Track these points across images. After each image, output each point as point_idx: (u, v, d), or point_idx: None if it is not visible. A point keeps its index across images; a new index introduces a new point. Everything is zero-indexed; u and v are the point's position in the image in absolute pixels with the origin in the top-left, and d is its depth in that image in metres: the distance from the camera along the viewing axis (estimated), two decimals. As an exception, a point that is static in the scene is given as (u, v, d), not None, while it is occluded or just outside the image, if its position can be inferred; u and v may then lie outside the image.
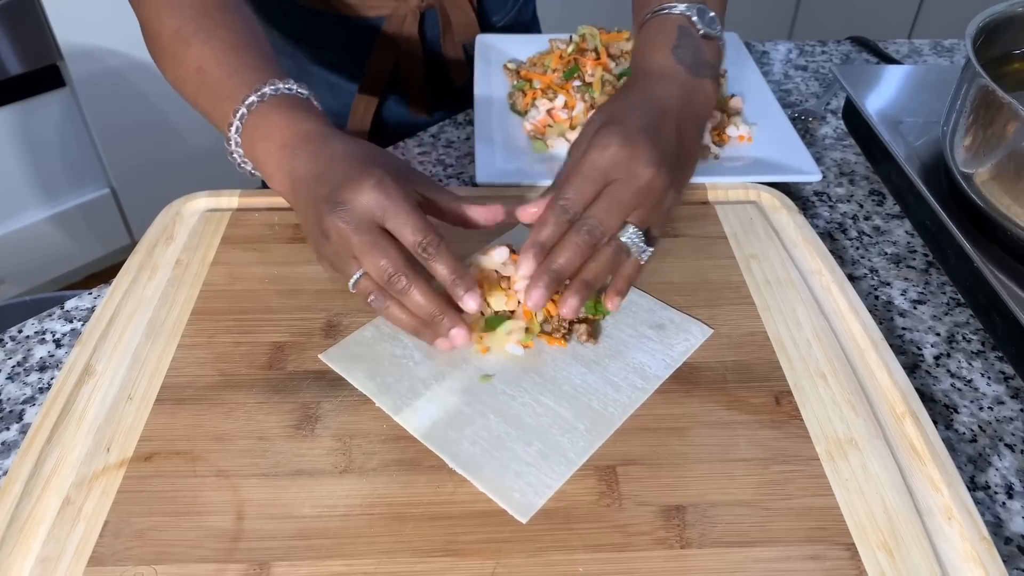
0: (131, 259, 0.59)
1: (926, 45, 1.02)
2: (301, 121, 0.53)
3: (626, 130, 0.51)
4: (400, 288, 0.47)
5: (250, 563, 0.40)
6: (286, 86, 0.55)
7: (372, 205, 0.47)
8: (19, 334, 0.57)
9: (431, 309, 0.48)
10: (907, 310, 0.61)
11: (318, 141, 0.52)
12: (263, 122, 0.54)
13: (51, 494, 0.43)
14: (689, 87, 0.56)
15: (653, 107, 0.54)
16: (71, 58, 1.66)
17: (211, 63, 0.57)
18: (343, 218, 0.47)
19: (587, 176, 0.50)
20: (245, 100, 0.54)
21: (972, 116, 0.59)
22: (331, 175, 0.49)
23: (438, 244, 0.47)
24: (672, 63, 0.56)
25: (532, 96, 0.78)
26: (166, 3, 0.59)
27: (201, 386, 0.49)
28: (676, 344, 0.53)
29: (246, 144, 0.55)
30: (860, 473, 0.45)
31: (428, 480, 0.44)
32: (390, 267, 0.47)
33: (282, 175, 0.53)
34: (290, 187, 0.53)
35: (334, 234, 0.48)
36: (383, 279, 0.47)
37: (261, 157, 0.54)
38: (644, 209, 0.51)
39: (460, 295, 0.48)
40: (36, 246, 1.84)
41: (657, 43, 0.58)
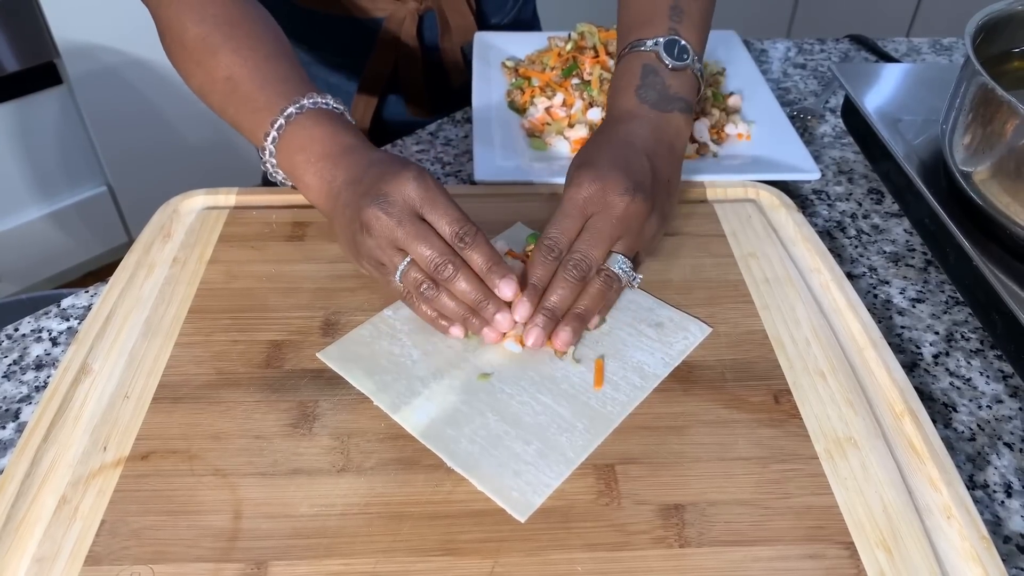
0: (128, 257, 0.58)
1: (925, 43, 1.02)
2: (341, 134, 0.55)
3: (595, 167, 0.53)
4: (447, 276, 0.48)
5: (247, 562, 0.40)
6: (323, 100, 0.56)
7: (413, 196, 0.49)
8: (15, 332, 0.57)
9: (476, 295, 0.49)
10: (906, 308, 0.61)
11: (358, 153, 0.54)
12: (302, 133, 0.55)
13: (47, 493, 0.43)
14: (657, 123, 0.58)
15: (620, 144, 0.56)
16: (68, 55, 1.66)
17: (241, 73, 0.57)
18: (385, 209, 0.49)
19: (567, 214, 0.52)
20: (284, 111, 0.55)
21: (971, 114, 0.59)
22: (369, 176, 0.51)
23: (475, 233, 0.49)
24: (636, 104, 0.59)
25: (530, 94, 0.78)
26: (189, 8, 0.59)
27: (198, 385, 0.49)
28: (675, 342, 0.53)
29: (282, 155, 0.56)
30: (859, 472, 0.45)
31: (426, 479, 0.44)
32: (436, 256, 0.48)
33: (321, 183, 0.54)
34: (327, 193, 0.54)
35: (376, 225, 0.49)
36: (430, 267, 0.49)
37: (300, 168, 0.55)
38: (628, 237, 0.53)
39: (496, 282, 0.49)
40: (33, 244, 1.83)
41: (623, 86, 0.60)
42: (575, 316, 0.51)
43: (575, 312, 0.51)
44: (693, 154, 0.73)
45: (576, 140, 0.73)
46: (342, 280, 0.57)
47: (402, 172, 0.50)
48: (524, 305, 0.50)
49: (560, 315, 0.51)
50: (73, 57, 1.66)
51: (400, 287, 0.51)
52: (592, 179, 0.52)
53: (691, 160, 0.72)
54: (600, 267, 0.52)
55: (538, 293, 0.51)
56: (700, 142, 0.73)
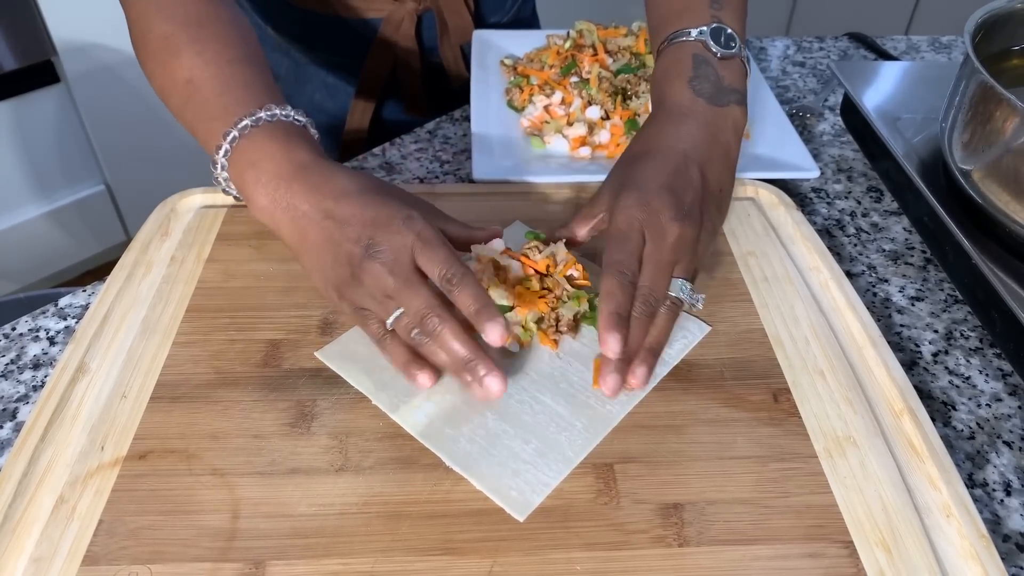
0: (125, 256, 0.58)
1: (924, 41, 1.02)
2: (296, 151, 0.51)
3: (642, 193, 0.51)
4: (432, 329, 0.46)
5: (245, 562, 0.40)
6: (283, 112, 0.53)
7: (405, 243, 0.46)
8: (12, 331, 0.57)
9: (464, 352, 0.45)
10: (905, 307, 0.61)
11: (316, 173, 0.50)
12: (254, 149, 0.51)
13: (45, 493, 0.43)
14: (713, 121, 0.55)
15: (671, 157, 0.53)
16: (65, 54, 1.65)
17: (202, 77, 0.54)
18: (380, 259, 0.46)
19: (627, 237, 0.50)
20: (238, 123, 0.51)
21: (971, 112, 0.59)
22: (351, 215, 0.48)
23: (462, 275, 0.46)
24: (691, 98, 0.55)
25: (529, 92, 0.78)
26: (157, 6, 0.57)
27: (196, 384, 0.49)
28: (674, 341, 0.53)
29: (234, 169, 0.52)
30: (858, 471, 0.45)
31: (425, 478, 0.44)
32: (423, 307, 0.46)
33: (275, 208, 0.51)
34: (290, 224, 0.50)
35: (370, 278, 0.46)
36: (416, 320, 0.46)
37: (250, 185, 0.51)
38: (684, 260, 0.51)
39: (483, 325, 0.45)
40: (31, 243, 1.83)
41: (673, 76, 0.57)
42: (649, 351, 0.49)
43: (649, 346, 0.50)
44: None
45: (575, 138, 0.73)
46: (340, 279, 0.57)
47: (394, 219, 0.47)
48: (615, 338, 0.47)
49: (633, 355, 0.49)
50: (71, 55, 1.66)
51: (378, 332, 0.48)
52: (640, 206, 0.50)
53: (690, 158, 0.72)
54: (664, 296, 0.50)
55: (623, 322, 0.47)
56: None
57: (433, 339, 0.46)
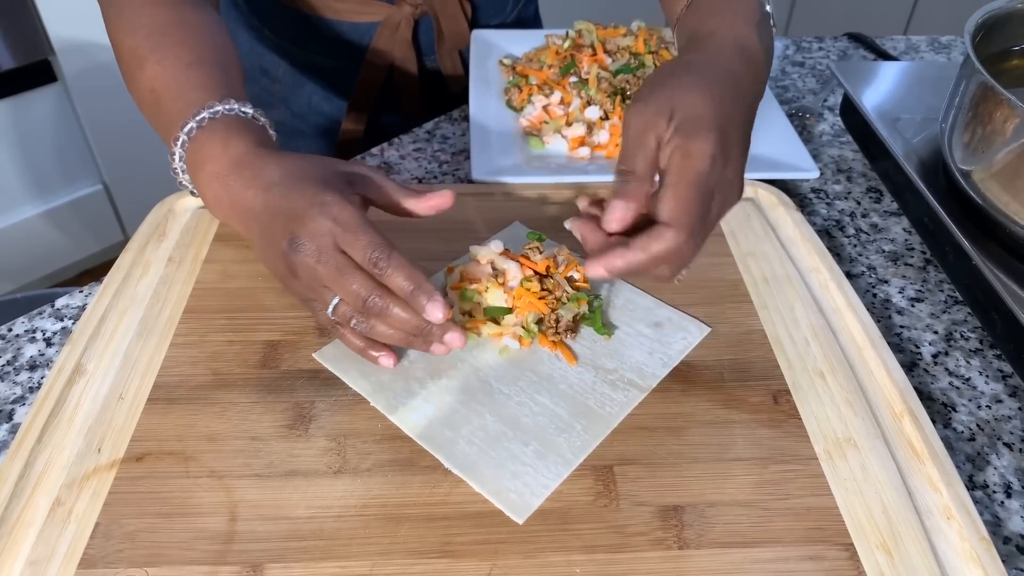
0: (123, 257, 0.58)
1: (923, 42, 1.02)
2: (233, 145, 0.50)
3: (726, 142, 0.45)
4: (378, 310, 0.45)
5: (243, 565, 0.39)
6: (226, 107, 0.52)
7: (323, 231, 0.45)
8: (9, 332, 0.56)
9: (416, 322, 0.45)
10: (905, 308, 0.61)
11: (249, 167, 0.49)
12: (199, 151, 0.51)
13: (41, 495, 0.42)
14: (761, 78, 0.50)
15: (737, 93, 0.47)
16: (63, 53, 1.65)
17: (162, 84, 0.54)
18: (304, 252, 0.45)
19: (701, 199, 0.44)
20: (184, 127, 0.51)
21: (971, 113, 0.58)
22: (276, 208, 0.47)
23: (388, 256, 0.44)
24: (755, 41, 0.49)
25: (528, 92, 0.78)
26: (124, 22, 0.57)
27: (193, 385, 0.49)
28: (674, 342, 0.52)
29: (191, 172, 0.53)
30: (859, 473, 0.45)
31: (423, 481, 0.44)
32: (362, 290, 0.45)
33: (220, 207, 0.51)
34: (238, 219, 0.50)
35: (301, 270, 0.46)
36: (358, 304, 0.45)
37: (201, 188, 0.52)
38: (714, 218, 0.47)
39: (422, 305, 0.44)
40: (28, 243, 1.82)
41: (741, 12, 0.51)
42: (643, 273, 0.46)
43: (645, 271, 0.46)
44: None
45: (574, 138, 0.72)
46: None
47: (310, 207, 0.45)
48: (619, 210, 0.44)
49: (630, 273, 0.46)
50: (68, 55, 1.65)
51: (328, 321, 0.48)
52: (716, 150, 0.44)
53: (689, 159, 0.72)
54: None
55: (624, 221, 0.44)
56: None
57: (381, 318, 0.46)
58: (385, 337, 0.47)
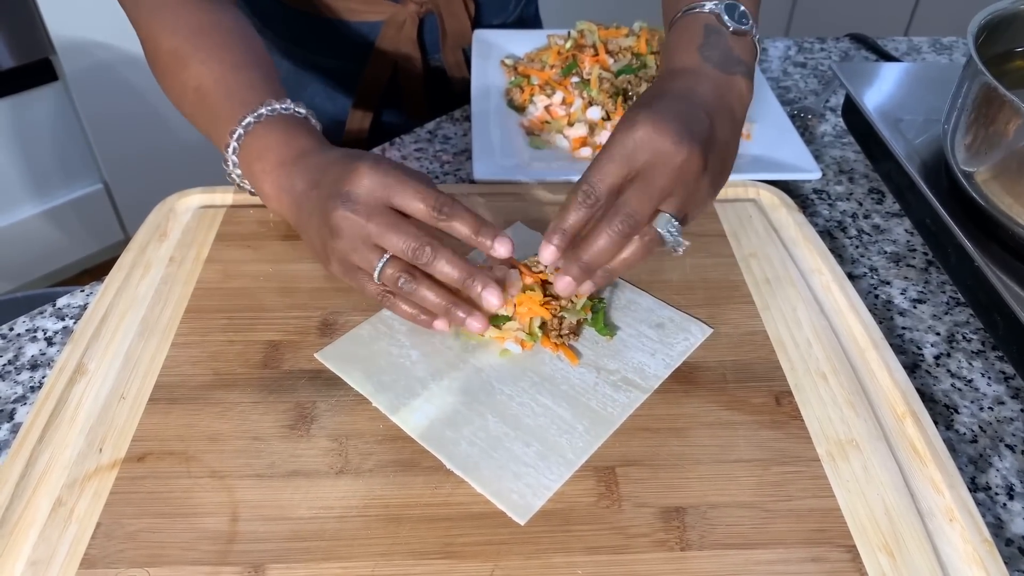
0: (124, 256, 0.58)
1: (925, 42, 1.01)
2: (297, 139, 0.53)
3: (654, 112, 0.47)
4: (427, 259, 0.46)
5: (244, 565, 0.39)
6: (283, 106, 0.55)
7: (375, 184, 0.46)
8: (10, 332, 0.56)
9: (462, 274, 0.46)
10: (907, 309, 0.61)
11: (314, 156, 0.52)
12: (259, 143, 0.54)
13: (42, 495, 0.42)
14: (720, 84, 0.52)
15: (682, 97, 0.50)
16: (64, 52, 1.65)
17: (208, 83, 0.57)
18: (351, 208, 0.46)
19: (612, 157, 0.46)
20: (242, 121, 0.54)
21: (973, 114, 0.58)
22: (327, 178, 0.49)
23: (453, 203, 0.46)
24: (699, 62, 0.53)
25: (530, 92, 0.78)
26: (163, 22, 0.59)
27: (195, 385, 0.48)
28: (675, 343, 0.52)
29: (243, 164, 0.55)
30: (861, 474, 0.45)
31: (425, 481, 0.44)
32: (412, 240, 0.45)
33: (280, 193, 0.53)
34: (290, 204, 0.53)
35: (345, 227, 0.47)
36: (408, 255, 0.46)
37: (258, 178, 0.54)
38: (679, 196, 0.47)
39: (489, 244, 0.45)
40: (28, 242, 1.82)
41: (684, 43, 0.55)
42: (609, 273, 0.48)
43: (611, 269, 0.48)
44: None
45: (576, 138, 0.72)
46: (340, 280, 0.56)
47: (358, 164, 0.47)
48: (550, 250, 0.46)
49: (594, 270, 0.47)
50: (69, 54, 1.65)
51: (376, 290, 0.48)
52: (645, 121, 0.46)
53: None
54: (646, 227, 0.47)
55: (566, 239, 0.46)
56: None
57: (429, 268, 0.46)
58: (427, 302, 0.48)
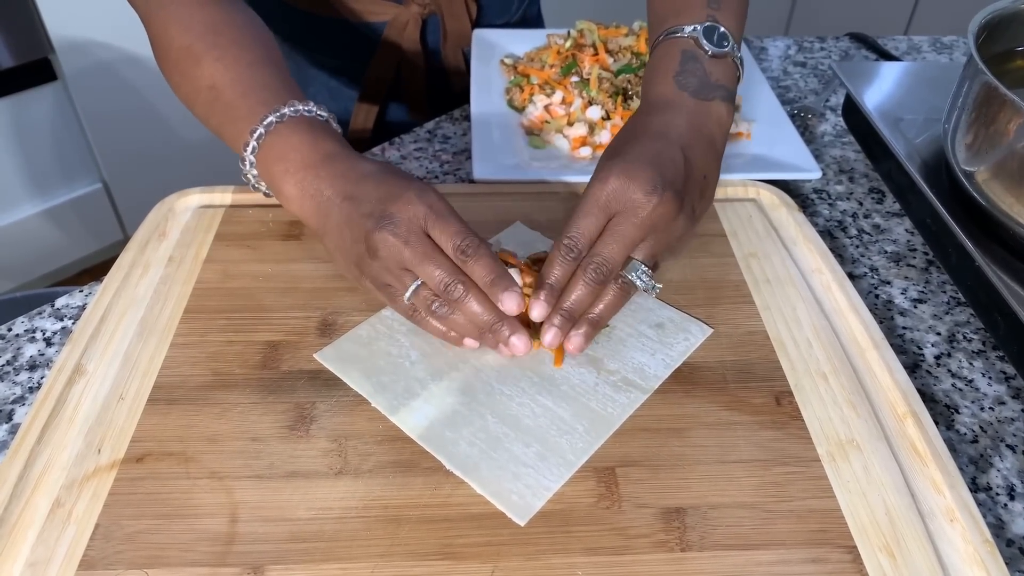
0: (123, 256, 0.58)
1: (925, 42, 1.01)
2: (321, 141, 0.53)
3: (623, 161, 0.49)
4: (457, 296, 0.47)
5: (244, 566, 0.39)
6: (306, 108, 0.55)
7: (420, 214, 0.48)
8: (8, 332, 0.56)
9: (488, 318, 0.47)
10: (907, 309, 0.61)
11: (341, 161, 0.52)
12: (281, 143, 0.53)
13: (41, 496, 0.42)
14: (696, 113, 0.54)
15: (653, 135, 0.52)
16: (63, 52, 1.64)
17: (224, 81, 0.56)
18: (393, 231, 0.47)
19: (588, 211, 0.49)
20: (263, 120, 0.53)
21: (974, 113, 0.58)
22: (366, 193, 0.49)
23: (477, 246, 0.47)
24: (674, 91, 0.55)
25: (530, 92, 0.78)
26: (176, 19, 0.58)
27: (194, 386, 0.48)
28: (676, 344, 0.52)
29: (261, 165, 0.54)
30: (862, 475, 0.45)
31: (425, 482, 0.43)
32: (445, 276, 0.47)
33: (303, 196, 0.52)
34: (315, 209, 0.52)
35: (383, 249, 0.47)
36: (439, 288, 0.47)
37: (279, 178, 0.53)
38: (651, 240, 0.50)
39: (499, 296, 0.47)
40: (27, 241, 1.82)
41: (660, 72, 0.57)
42: (589, 321, 0.50)
43: (590, 317, 0.50)
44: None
45: (575, 138, 0.72)
46: (339, 280, 0.56)
47: (407, 191, 0.48)
48: (541, 305, 0.48)
49: (577, 317, 0.50)
50: (68, 53, 1.65)
51: (406, 307, 0.50)
52: (618, 174, 0.49)
53: (691, 159, 0.72)
54: (618, 274, 0.50)
55: (555, 294, 0.49)
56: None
57: (457, 307, 0.48)
58: (461, 328, 0.49)
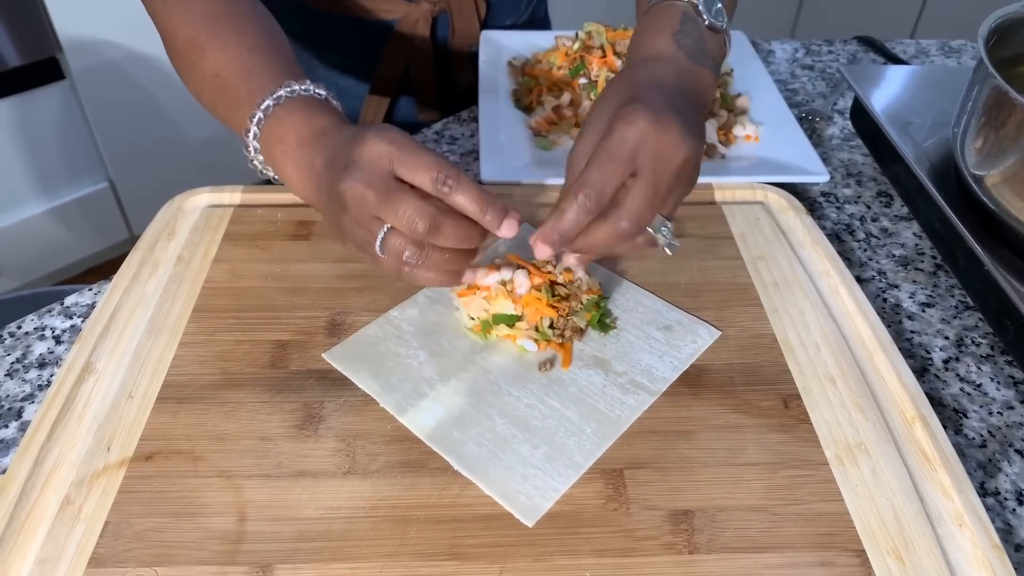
0: (132, 255, 0.58)
1: (933, 45, 1.01)
2: (317, 118, 0.52)
3: (648, 108, 0.45)
4: (429, 228, 0.43)
5: (252, 565, 0.39)
6: (302, 87, 0.53)
7: (380, 153, 0.44)
8: (18, 330, 0.56)
9: (470, 231, 0.44)
10: (915, 313, 0.61)
11: (335, 134, 0.50)
12: (279, 125, 0.52)
13: (50, 493, 0.42)
14: (689, 72, 0.52)
15: (661, 87, 0.49)
16: (70, 50, 1.65)
17: (227, 68, 0.56)
18: (355, 176, 0.44)
19: (614, 157, 0.44)
20: (261, 104, 0.53)
21: (984, 117, 0.58)
22: (339, 150, 0.48)
23: (457, 176, 0.44)
24: (672, 47, 0.52)
25: (537, 93, 0.78)
26: (179, 11, 0.58)
27: (202, 385, 0.48)
28: (684, 346, 0.52)
29: (265, 150, 0.54)
30: (870, 478, 0.45)
31: (433, 482, 0.43)
32: (412, 211, 0.43)
33: (301, 174, 0.51)
34: (310, 184, 0.51)
35: (349, 197, 0.45)
36: (410, 227, 0.43)
37: (280, 161, 0.53)
38: (676, 195, 0.47)
39: (496, 220, 0.44)
40: (34, 239, 1.83)
41: (657, 29, 0.54)
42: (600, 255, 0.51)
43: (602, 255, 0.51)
44: (701, 155, 0.72)
45: (583, 140, 0.72)
46: (348, 280, 0.56)
47: (365, 133, 0.45)
48: (545, 250, 0.45)
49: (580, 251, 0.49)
50: (75, 52, 1.66)
51: (390, 265, 0.46)
52: (650, 119, 0.44)
53: (699, 161, 0.72)
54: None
55: (565, 242, 0.45)
56: (708, 143, 0.73)
57: (433, 239, 0.44)
58: (440, 270, 0.46)
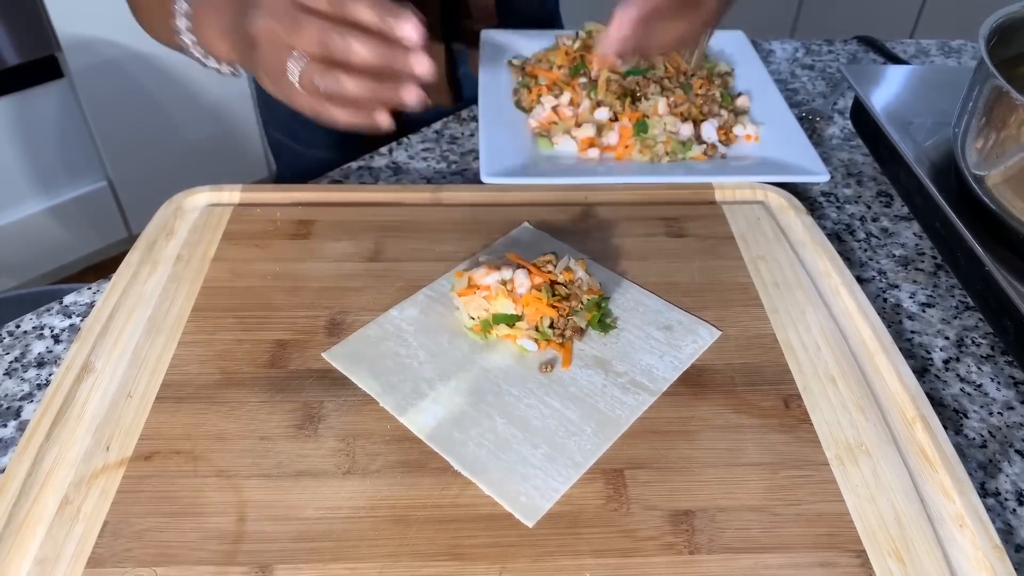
0: (131, 254, 0.58)
1: (933, 45, 1.01)
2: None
3: None
4: (339, 47, 0.43)
5: (251, 565, 0.39)
6: None
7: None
8: (17, 329, 0.56)
9: (381, 49, 0.43)
10: (916, 313, 0.61)
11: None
12: (203, 9, 0.50)
13: (49, 493, 0.42)
14: None
15: None
16: (69, 49, 1.65)
17: None
18: (260, 15, 0.44)
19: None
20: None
21: (985, 118, 0.58)
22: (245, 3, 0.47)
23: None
24: None
25: (537, 93, 0.77)
26: None
27: (202, 384, 0.48)
28: (684, 346, 0.52)
29: (203, 42, 0.52)
30: (871, 479, 0.44)
31: (433, 482, 0.43)
32: (315, 28, 0.43)
33: (227, 42, 0.50)
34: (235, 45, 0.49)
35: (261, 35, 0.44)
36: (319, 45, 0.43)
37: (214, 43, 0.51)
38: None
39: (394, 25, 0.43)
40: (32, 238, 1.82)
41: None
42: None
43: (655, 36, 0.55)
44: (701, 155, 0.72)
45: (583, 139, 0.72)
46: (348, 279, 0.56)
47: None
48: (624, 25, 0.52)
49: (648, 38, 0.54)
50: (74, 50, 1.65)
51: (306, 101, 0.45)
52: None
53: (699, 161, 0.72)
54: None
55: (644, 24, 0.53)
56: (708, 143, 0.73)
57: (346, 55, 0.43)
58: (355, 93, 0.45)
